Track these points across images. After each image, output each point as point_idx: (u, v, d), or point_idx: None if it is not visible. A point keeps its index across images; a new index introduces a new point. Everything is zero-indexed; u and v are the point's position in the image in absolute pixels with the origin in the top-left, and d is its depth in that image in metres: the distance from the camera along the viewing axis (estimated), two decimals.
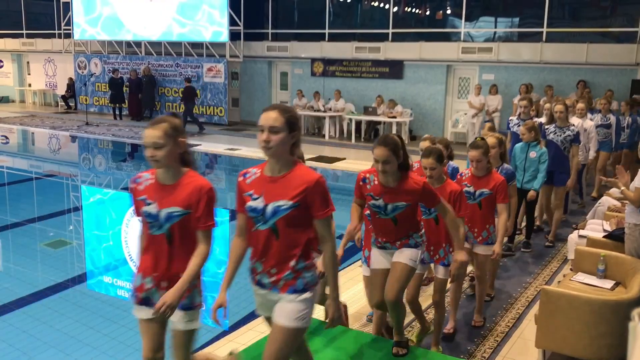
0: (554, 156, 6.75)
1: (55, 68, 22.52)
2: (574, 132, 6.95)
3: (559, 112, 6.97)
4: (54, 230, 8.05)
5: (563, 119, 7.00)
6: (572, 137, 6.93)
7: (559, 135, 6.97)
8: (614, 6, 14.37)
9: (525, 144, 6.45)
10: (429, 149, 4.18)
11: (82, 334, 4.82)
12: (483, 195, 4.71)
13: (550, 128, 7.09)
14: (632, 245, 4.61)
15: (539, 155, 6.36)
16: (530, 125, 6.45)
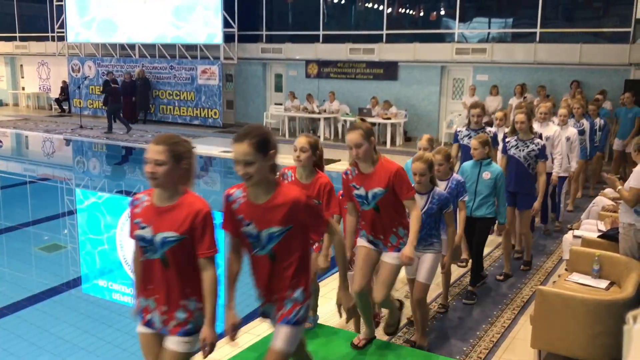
0: (516, 175, 5.87)
1: (49, 71, 22.46)
2: (538, 146, 5.87)
3: (520, 122, 5.87)
4: (48, 234, 8.02)
5: (525, 131, 5.90)
6: (537, 152, 5.85)
7: (521, 149, 5.90)
8: (606, 7, 14.43)
9: (476, 161, 5.34)
10: (420, 155, 4.44)
11: (77, 337, 4.80)
12: (377, 197, 3.74)
13: (512, 141, 6.00)
14: (626, 245, 4.63)
15: (495, 177, 5.24)
16: (483, 138, 5.34)
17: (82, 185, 11.66)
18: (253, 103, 18.39)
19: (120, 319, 5.24)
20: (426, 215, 4.31)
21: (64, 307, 5.53)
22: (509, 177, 5.82)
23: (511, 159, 5.94)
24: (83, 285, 6.32)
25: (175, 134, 2.89)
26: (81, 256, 7.23)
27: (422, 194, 4.34)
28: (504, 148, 6.05)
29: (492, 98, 13.92)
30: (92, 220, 8.95)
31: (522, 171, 5.88)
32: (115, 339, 4.79)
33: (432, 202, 4.36)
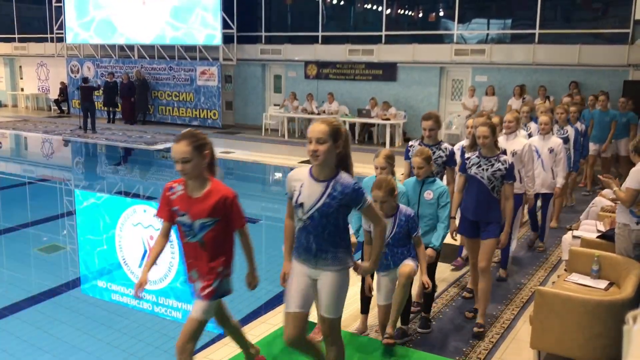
0: (478, 200, 4.76)
1: (48, 72, 22.45)
2: (505, 164, 4.71)
3: (482, 136, 4.74)
4: (47, 235, 8.01)
5: (489, 147, 4.78)
6: (503, 172, 4.70)
7: (484, 169, 4.76)
8: (605, 8, 14.45)
9: (418, 180, 4.60)
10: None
11: (77, 339, 4.79)
12: (205, 228, 3.30)
13: (473, 158, 4.86)
14: (621, 245, 4.65)
15: (438, 196, 4.55)
16: (426, 154, 4.54)
17: (81, 186, 11.66)
18: (252, 104, 18.39)
19: (120, 320, 5.24)
20: (394, 240, 4.20)
21: (63, 308, 5.53)
22: (468, 201, 4.85)
23: (472, 180, 4.82)
24: (82, 286, 6.31)
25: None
26: (80, 257, 7.23)
27: (387, 217, 4.11)
28: (463, 166, 4.91)
29: (488, 98, 13.92)
30: (92, 221, 8.95)
31: (485, 195, 4.75)
32: (115, 339, 4.79)
33: (400, 225, 4.14)
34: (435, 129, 5.11)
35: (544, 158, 6.57)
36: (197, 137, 3.25)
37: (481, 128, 4.77)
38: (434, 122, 5.08)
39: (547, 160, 6.58)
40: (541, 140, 6.66)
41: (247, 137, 16.37)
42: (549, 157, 6.57)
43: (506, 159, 4.80)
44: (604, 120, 9.77)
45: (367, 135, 15.96)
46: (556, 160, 6.58)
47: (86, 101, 16.85)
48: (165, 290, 6.07)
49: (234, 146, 14.52)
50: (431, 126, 5.08)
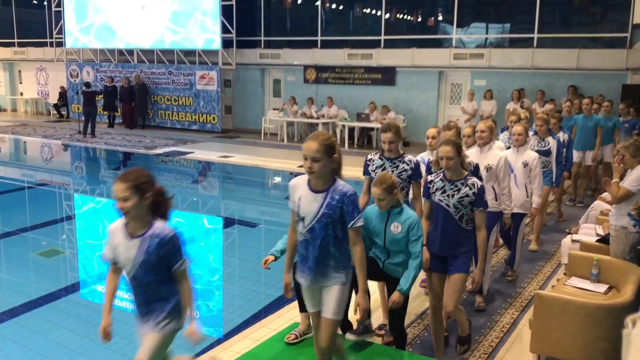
0: (444, 231, 4.09)
1: (47, 77, 22.46)
2: (474, 188, 4.02)
3: (445, 157, 4.01)
4: (46, 239, 8.01)
5: (455, 169, 4.07)
6: (471, 197, 4.03)
7: (450, 194, 4.07)
8: (603, 12, 14.49)
9: (383, 211, 3.95)
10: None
11: (76, 343, 4.79)
12: None
13: (436, 181, 4.15)
14: (618, 248, 4.66)
15: (408, 229, 3.88)
16: (388, 183, 3.85)
17: (80, 191, 11.65)
18: (251, 108, 18.40)
19: (119, 325, 5.20)
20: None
21: (62, 312, 5.52)
22: (432, 233, 4.19)
23: (437, 207, 4.13)
24: (81, 290, 6.31)
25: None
26: (79, 261, 7.22)
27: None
28: (427, 190, 4.20)
29: (486, 102, 13.94)
30: (91, 225, 8.94)
31: (452, 226, 4.07)
32: (114, 344, 4.76)
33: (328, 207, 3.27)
34: (396, 141, 4.52)
35: (517, 173, 5.80)
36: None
37: (444, 147, 4.03)
38: (393, 134, 4.48)
39: (520, 176, 5.81)
40: (514, 153, 5.87)
41: (246, 141, 16.38)
42: (523, 172, 5.82)
43: (475, 181, 4.07)
44: (587, 126, 9.14)
45: (366, 139, 15.99)
46: (531, 176, 5.83)
47: (88, 106, 16.87)
48: None
49: (233, 150, 14.52)
50: (391, 139, 4.48)
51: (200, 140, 16.40)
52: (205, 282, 6.60)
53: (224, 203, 11.02)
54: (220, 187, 12.41)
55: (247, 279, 6.49)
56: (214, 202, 11.12)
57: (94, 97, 17.30)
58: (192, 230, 8.82)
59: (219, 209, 10.52)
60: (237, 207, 10.62)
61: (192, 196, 11.21)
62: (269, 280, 6.16)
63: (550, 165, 6.92)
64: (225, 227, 8.95)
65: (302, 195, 3.28)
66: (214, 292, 6.31)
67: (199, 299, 5.98)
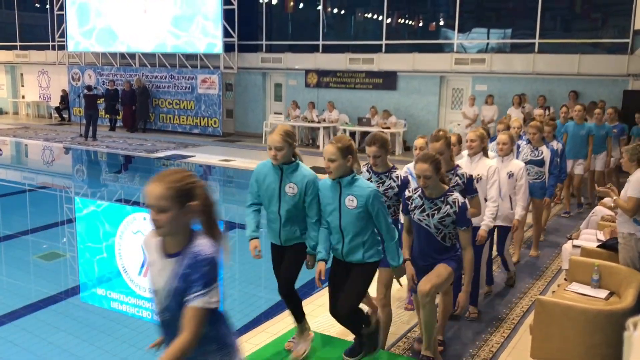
0: (426, 247, 3.94)
1: (49, 80, 22.50)
2: (454, 207, 3.81)
3: (423, 177, 3.77)
4: (47, 242, 8.00)
5: (434, 187, 3.85)
6: (452, 217, 3.84)
7: (429, 214, 3.88)
8: (605, 18, 14.51)
9: (335, 182, 3.77)
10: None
11: (76, 347, 4.78)
12: None
13: (415, 198, 3.95)
14: (627, 255, 4.62)
15: (366, 202, 3.66)
16: (346, 142, 3.75)
17: (81, 194, 11.65)
18: (252, 112, 18.42)
19: (119, 328, 5.23)
20: None
21: (62, 315, 5.51)
22: (416, 250, 4.04)
23: (417, 226, 3.96)
24: (82, 293, 6.30)
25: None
26: (80, 265, 7.21)
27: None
28: (405, 207, 4.01)
29: (488, 107, 13.95)
30: (91, 228, 8.94)
31: (434, 245, 3.90)
32: (114, 347, 4.77)
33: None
34: (382, 155, 4.10)
35: (502, 184, 5.41)
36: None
37: (420, 165, 3.75)
38: (378, 147, 4.08)
39: (505, 187, 5.50)
40: (499, 162, 5.56)
41: (247, 145, 16.39)
42: (508, 183, 5.55)
43: (456, 198, 3.83)
44: (579, 134, 8.66)
45: None
46: (516, 187, 5.57)
47: (90, 109, 16.89)
48: None
49: (234, 154, 14.53)
50: (375, 152, 4.09)
51: (201, 144, 16.41)
52: None
53: (225, 207, 11.02)
54: (221, 191, 12.41)
55: (247, 283, 6.49)
56: None
57: (96, 101, 17.32)
58: None
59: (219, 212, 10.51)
60: (238, 211, 10.61)
61: None
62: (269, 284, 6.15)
63: (544, 177, 6.62)
64: (225, 231, 8.93)
65: None
66: None
67: None
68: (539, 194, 6.63)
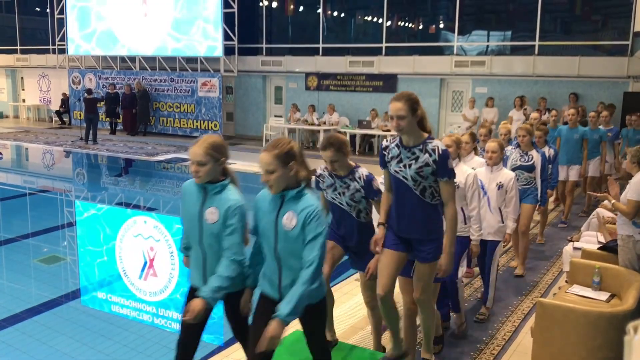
0: (404, 206, 3.59)
1: (50, 83, 22.52)
2: (434, 155, 3.45)
3: (396, 117, 3.41)
4: (47, 246, 8.00)
5: (411, 132, 3.48)
6: (432, 167, 3.47)
7: (407, 164, 3.50)
8: (605, 20, 14.52)
9: (275, 195, 3.13)
10: None
11: (76, 350, 4.77)
12: None
13: (392, 147, 3.60)
14: (626, 257, 4.62)
15: (304, 222, 2.92)
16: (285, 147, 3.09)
17: (81, 197, 11.65)
18: (253, 115, 18.44)
19: (120, 332, 5.22)
20: None
21: (62, 319, 5.50)
22: (392, 214, 3.71)
23: (395, 181, 3.60)
24: (82, 297, 6.29)
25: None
26: (80, 268, 7.21)
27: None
28: (382, 159, 3.69)
29: (488, 110, 13.96)
30: (92, 232, 8.94)
31: (413, 202, 3.52)
32: (115, 351, 4.76)
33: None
34: (339, 158, 3.77)
35: (491, 195, 5.10)
36: None
37: (394, 104, 3.41)
38: (334, 151, 3.74)
39: (494, 199, 5.11)
40: (488, 173, 5.16)
41: (247, 148, 16.39)
42: (497, 194, 5.11)
43: (436, 146, 3.43)
44: (572, 138, 8.30)
45: (367, 146, 16.00)
46: (506, 199, 5.15)
47: (90, 112, 16.92)
48: (165, 302, 6.05)
49: (234, 157, 14.45)
50: (331, 157, 3.76)
51: None
52: None
53: None
54: None
55: None
56: None
57: (96, 104, 17.34)
58: None
59: None
60: None
61: None
62: None
63: (534, 182, 6.25)
64: None
65: None
66: None
67: None
68: (528, 199, 6.23)
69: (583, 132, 8.38)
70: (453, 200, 3.50)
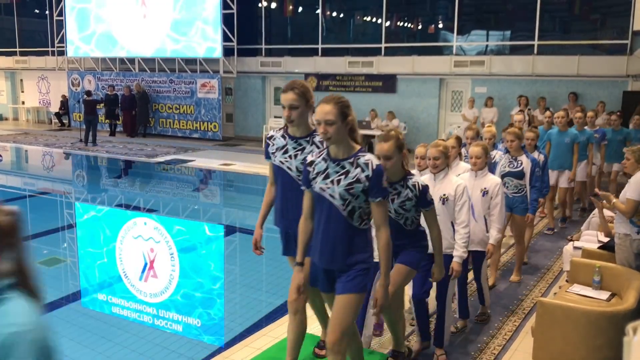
0: (328, 233, 3.14)
1: (49, 85, 22.53)
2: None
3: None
4: (47, 248, 8.00)
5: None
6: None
7: (335, 180, 3.11)
8: (604, 19, 14.53)
9: None
10: None
11: (76, 352, 4.77)
12: None
13: (318, 162, 3.24)
14: (623, 255, 4.64)
15: None
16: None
17: (81, 199, 11.66)
18: (252, 116, 18.44)
19: (120, 333, 5.22)
20: None
21: (63, 321, 5.50)
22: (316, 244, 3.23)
23: (318, 200, 3.23)
24: (82, 299, 6.30)
25: None
26: (81, 270, 7.21)
27: None
28: (305, 177, 3.29)
29: (488, 110, 13.96)
30: (92, 234, 8.94)
31: (337, 227, 3.09)
32: (115, 353, 4.76)
33: None
34: (301, 106, 3.55)
35: (475, 203, 4.75)
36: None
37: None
38: (297, 95, 3.56)
39: (478, 206, 4.77)
40: (472, 178, 4.87)
41: (247, 149, 16.39)
42: (482, 201, 4.78)
43: (371, 159, 3.06)
44: (563, 142, 7.82)
45: (367, 146, 15.98)
46: (491, 206, 4.80)
47: (89, 114, 16.92)
48: (165, 303, 6.05)
49: (234, 158, 14.53)
50: (292, 101, 3.51)
51: (201, 148, 16.41)
52: (207, 290, 6.60)
53: (225, 211, 11.03)
54: (221, 195, 12.41)
55: (248, 287, 6.48)
56: (215, 210, 11.12)
57: (95, 106, 17.34)
58: (193, 238, 8.82)
59: (220, 216, 10.52)
60: (238, 215, 10.62)
61: (193, 204, 11.22)
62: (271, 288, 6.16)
63: (525, 190, 5.83)
64: (226, 235, 8.94)
65: None
66: (215, 300, 6.30)
67: (200, 307, 5.98)
68: (519, 209, 5.82)
69: (574, 136, 7.87)
70: (386, 225, 3.04)
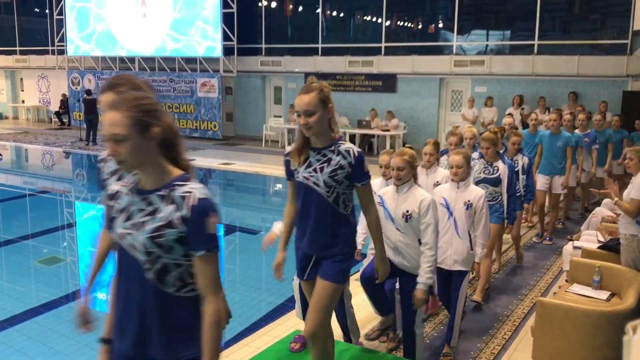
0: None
1: (49, 84, 22.52)
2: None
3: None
4: (47, 247, 8.00)
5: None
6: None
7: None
8: (604, 19, 14.52)
9: None
10: None
11: (77, 352, 4.77)
12: None
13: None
14: (629, 257, 4.61)
15: None
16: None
17: (81, 198, 11.65)
18: (252, 115, 18.43)
19: None
20: None
21: (63, 320, 5.50)
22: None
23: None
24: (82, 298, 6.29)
25: None
26: (80, 269, 7.21)
27: None
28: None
29: (488, 109, 13.95)
30: (92, 233, 8.94)
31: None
32: None
33: None
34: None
35: (458, 217, 4.32)
36: None
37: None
38: None
39: (462, 221, 4.31)
40: (454, 189, 4.39)
41: (247, 148, 16.40)
42: (466, 215, 4.30)
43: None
44: (555, 146, 7.34)
45: (367, 146, 15.98)
46: (475, 221, 4.33)
47: (90, 113, 16.90)
48: None
49: (234, 157, 14.53)
50: None
51: (201, 147, 16.41)
52: None
53: (225, 210, 11.02)
54: (221, 194, 12.40)
55: (248, 287, 6.48)
56: None
57: (95, 105, 17.31)
58: None
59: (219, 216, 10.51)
60: (238, 214, 10.62)
61: None
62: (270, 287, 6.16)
63: (500, 198, 5.46)
64: (226, 235, 8.94)
65: None
66: None
67: None
68: (493, 217, 5.32)
69: (567, 139, 7.36)
70: (373, 203, 3.15)
